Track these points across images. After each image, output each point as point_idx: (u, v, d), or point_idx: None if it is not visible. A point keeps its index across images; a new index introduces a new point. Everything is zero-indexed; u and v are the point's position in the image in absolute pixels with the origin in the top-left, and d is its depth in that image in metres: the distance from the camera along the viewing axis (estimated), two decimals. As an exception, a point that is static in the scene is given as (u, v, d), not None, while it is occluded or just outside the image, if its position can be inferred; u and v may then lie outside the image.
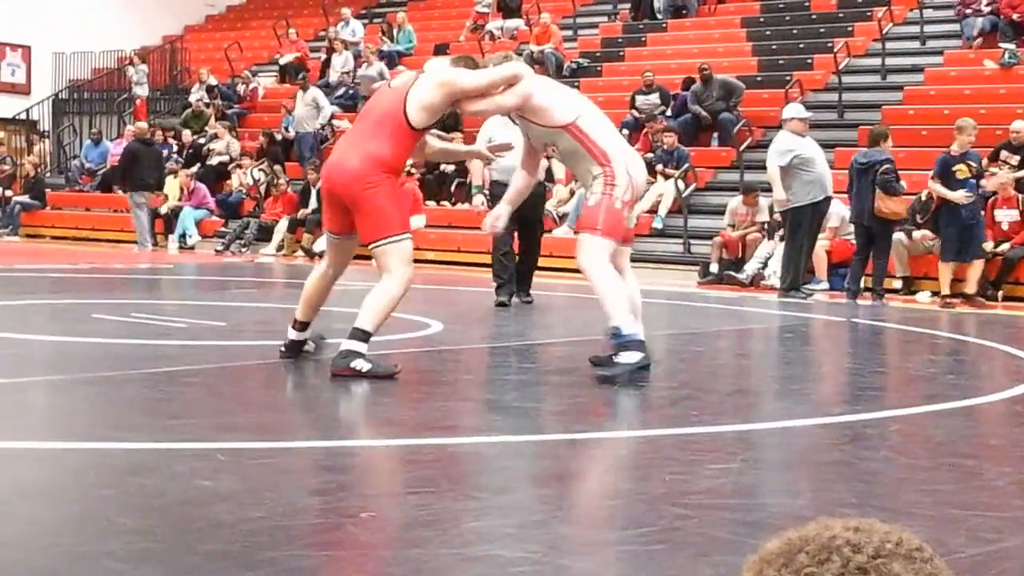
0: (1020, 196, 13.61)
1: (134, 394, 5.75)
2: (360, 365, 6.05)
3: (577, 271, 6.63)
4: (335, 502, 3.76)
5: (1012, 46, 17.29)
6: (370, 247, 6.23)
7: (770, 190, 13.73)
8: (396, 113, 6.16)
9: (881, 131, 13.11)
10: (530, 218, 10.61)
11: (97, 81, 26.27)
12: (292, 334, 6.63)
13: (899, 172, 12.86)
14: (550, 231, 14.95)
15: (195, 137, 21.90)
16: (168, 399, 5.57)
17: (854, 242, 13.18)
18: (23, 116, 25.84)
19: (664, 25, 21.79)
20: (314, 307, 6.61)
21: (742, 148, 16.88)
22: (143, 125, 20.85)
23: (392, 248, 6.17)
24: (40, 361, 6.81)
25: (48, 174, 24.14)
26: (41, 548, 3.18)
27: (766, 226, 14.83)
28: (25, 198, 22.14)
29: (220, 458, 4.20)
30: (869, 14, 19.42)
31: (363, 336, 6.14)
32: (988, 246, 13.31)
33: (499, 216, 6.95)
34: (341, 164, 6.24)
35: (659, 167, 16.50)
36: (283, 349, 6.66)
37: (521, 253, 11.20)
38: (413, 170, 18.15)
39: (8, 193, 22.99)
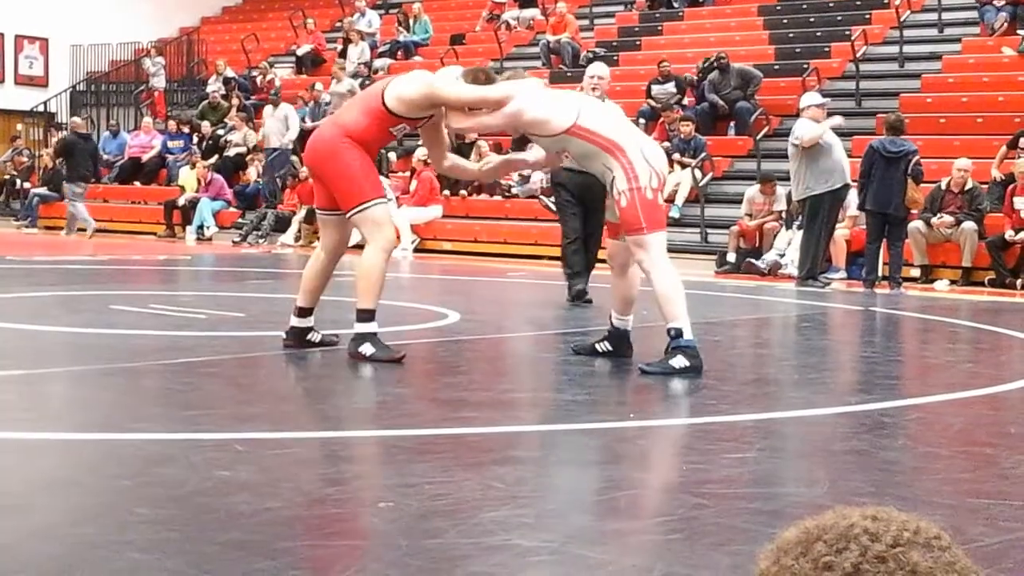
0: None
1: (153, 385, 5.77)
2: (366, 350, 6.22)
3: (602, 261, 6.67)
4: (352, 492, 3.77)
5: (1031, 33, 17.21)
6: (348, 217, 6.38)
7: (787, 179, 13.71)
8: (376, 95, 6.37)
9: (900, 119, 13.04)
10: (596, 204, 9.67)
11: (114, 73, 26.33)
12: (293, 320, 6.71)
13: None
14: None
15: (213, 128, 21.94)
16: (186, 390, 5.59)
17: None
18: (41, 108, 25.91)
19: (681, 14, 21.73)
20: (312, 292, 6.66)
21: (759, 137, 16.83)
22: (78, 120, 21.35)
23: (363, 216, 6.30)
24: (59, 352, 6.84)
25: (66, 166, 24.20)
26: (61, 538, 3.19)
27: (784, 215, 14.80)
28: (43, 190, 22.21)
29: (238, 448, 4.22)
30: (887, 1, 19.33)
31: (365, 316, 6.29)
32: (1009, 234, 13.27)
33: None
34: (316, 136, 6.58)
35: (676, 156, 16.47)
36: (285, 336, 6.69)
37: (586, 235, 10.34)
38: (429, 160, 18.15)
39: (26, 185, 23.07)
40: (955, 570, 1.10)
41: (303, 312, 6.68)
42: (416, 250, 17.27)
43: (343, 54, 23.01)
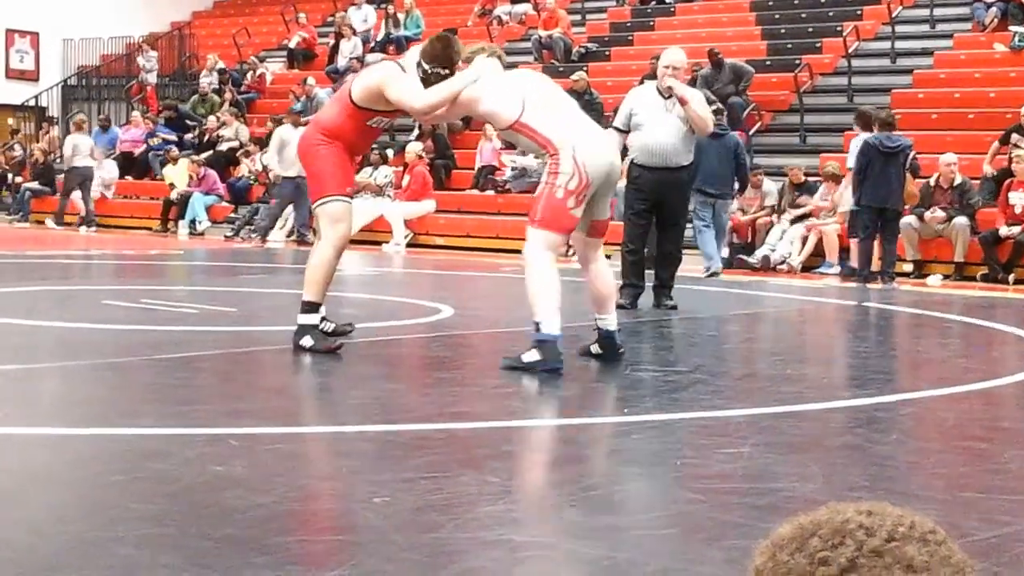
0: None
1: (145, 380, 5.76)
2: (306, 342, 6.36)
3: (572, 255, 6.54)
4: (347, 487, 3.76)
5: (1022, 29, 17.22)
6: (312, 210, 6.70)
7: (778, 174, 13.76)
8: (346, 90, 6.56)
9: (891, 115, 13.07)
10: (672, 206, 9.11)
11: (105, 67, 26.28)
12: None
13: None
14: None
15: (203, 121, 21.92)
16: (179, 385, 5.58)
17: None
18: (32, 103, 25.85)
19: (673, 9, 21.74)
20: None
21: (751, 132, 16.83)
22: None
23: (321, 211, 6.48)
24: (50, 347, 6.82)
25: (57, 160, 24.16)
26: (52, 534, 3.19)
27: (775, 208, 14.81)
28: (35, 184, 22.17)
29: (232, 444, 4.21)
30: (879, -3, 19.35)
31: (308, 307, 6.44)
32: (1003, 230, 13.29)
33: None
34: (302, 134, 6.92)
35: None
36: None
37: (659, 247, 9.31)
38: (423, 154, 18.14)
39: (18, 179, 23.02)
40: (950, 564, 1.10)
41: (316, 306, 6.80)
42: (409, 245, 17.26)
43: (335, 49, 22.98)
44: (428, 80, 6.30)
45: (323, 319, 6.67)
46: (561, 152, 5.93)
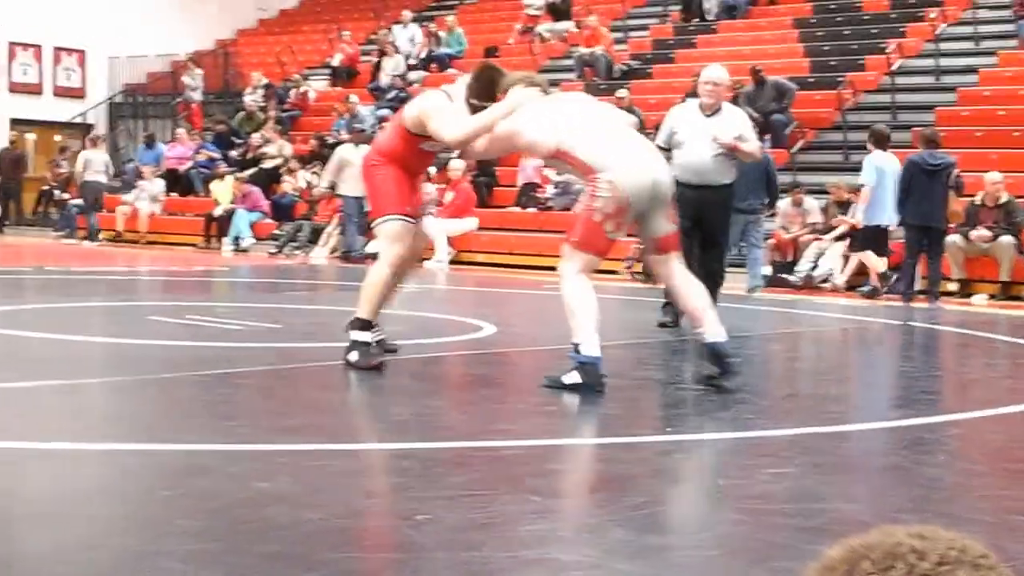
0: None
1: (190, 396, 5.80)
2: (351, 356, 6.42)
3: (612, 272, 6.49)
4: (390, 504, 3.78)
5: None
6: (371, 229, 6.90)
7: (822, 192, 13.73)
8: (401, 114, 6.77)
9: (934, 133, 13.02)
10: (713, 224, 8.93)
11: (151, 85, 26.52)
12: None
13: (954, 174, 12.80)
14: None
15: (248, 140, 22.06)
16: (224, 401, 5.62)
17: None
18: (78, 120, 26.12)
19: (715, 27, 21.70)
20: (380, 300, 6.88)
21: (794, 150, 16.77)
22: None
23: (379, 230, 6.65)
24: (97, 363, 6.89)
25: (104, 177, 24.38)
26: (100, 548, 3.21)
27: (818, 227, 14.75)
28: (81, 201, 22.37)
29: (276, 460, 4.23)
30: (922, 14, 19.25)
31: (360, 324, 6.51)
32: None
33: None
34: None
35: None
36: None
37: (702, 266, 8.53)
38: (466, 172, 18.19)
39: (64, 196, 23.24)
40: (1001, 588, 1.10)
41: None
42: (451, 262, 17.30)
43: (378, 66, 23.10)
44: (474, 112, 6.37)
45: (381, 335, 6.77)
46: (600, 175, 5.90)
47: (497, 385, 6.70)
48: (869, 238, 13.44)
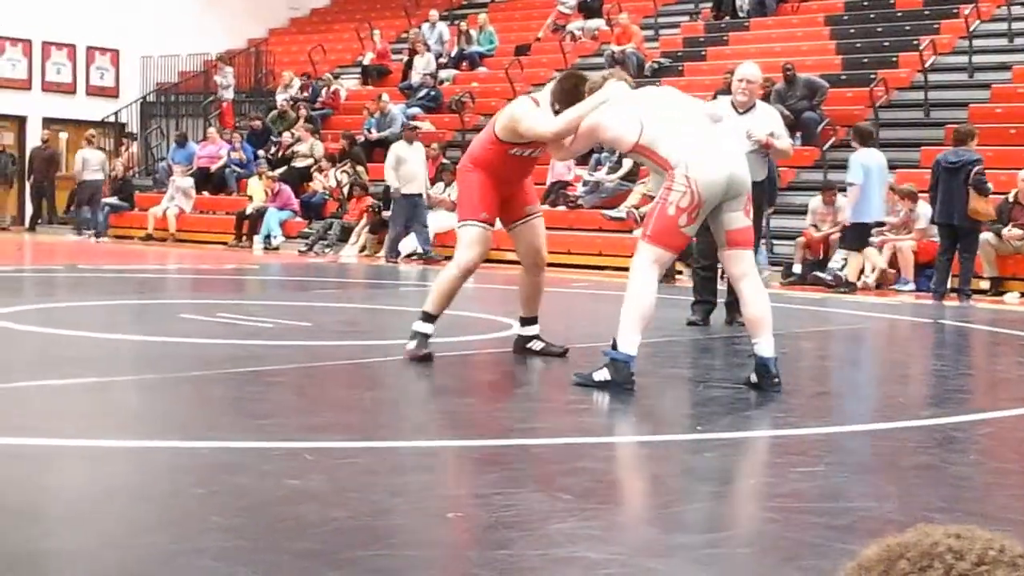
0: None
1: (222, 394, 5.83)
2: (409, 344, 6.66)
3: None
4: (421, 502, 3.78)
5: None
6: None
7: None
8: (493, 121, 6.97)
9: (968, 130, 12.93)
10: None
11: (183, 84, 26.65)
12: (517, 328, 7.29)
13: (986, 171, 12.69)
14: (630, 231, 14.88)
15: (280, 138, 22.14)
16: (255, 399, 5.64)
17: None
18: (111, 119, 26.27)
19: (747, 24, 21.63)
20: (526, 301, 7.23)
21: (826, 147, 16.70)
22: None
23: (459, 232, 6.96)
24: (129, 361, 6.92)
25: (136, 176, 24.52)
26: (133, 546, 3.23)
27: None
28: (114, 199, 22.50)
29: (307, 458, 4.25)
30: (956, 11, 19.12)
31: (425, 317, 6.74)
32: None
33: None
34: None
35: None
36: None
37: None
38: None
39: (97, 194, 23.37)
40: (1040, 589, 1.09)
41: (525, 321, 7.21)
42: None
43: (409, 64, 23.14)
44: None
45: (534, 337, 7.11)
46: (676, 170, 5.94)
47: (527, 383, 6.70)
48: (855, 236, 13.47)
